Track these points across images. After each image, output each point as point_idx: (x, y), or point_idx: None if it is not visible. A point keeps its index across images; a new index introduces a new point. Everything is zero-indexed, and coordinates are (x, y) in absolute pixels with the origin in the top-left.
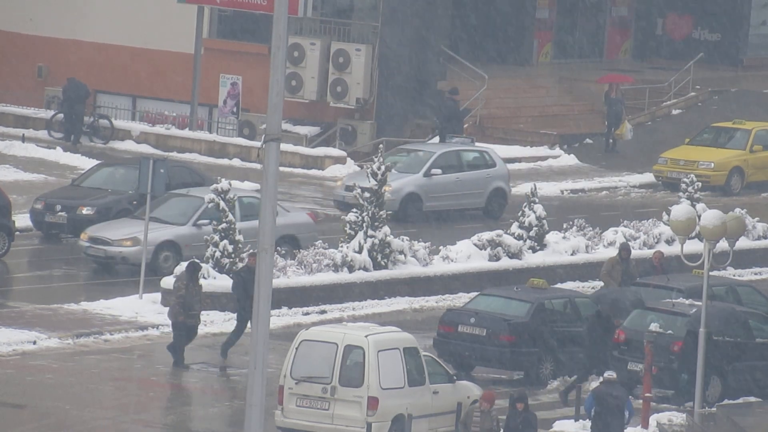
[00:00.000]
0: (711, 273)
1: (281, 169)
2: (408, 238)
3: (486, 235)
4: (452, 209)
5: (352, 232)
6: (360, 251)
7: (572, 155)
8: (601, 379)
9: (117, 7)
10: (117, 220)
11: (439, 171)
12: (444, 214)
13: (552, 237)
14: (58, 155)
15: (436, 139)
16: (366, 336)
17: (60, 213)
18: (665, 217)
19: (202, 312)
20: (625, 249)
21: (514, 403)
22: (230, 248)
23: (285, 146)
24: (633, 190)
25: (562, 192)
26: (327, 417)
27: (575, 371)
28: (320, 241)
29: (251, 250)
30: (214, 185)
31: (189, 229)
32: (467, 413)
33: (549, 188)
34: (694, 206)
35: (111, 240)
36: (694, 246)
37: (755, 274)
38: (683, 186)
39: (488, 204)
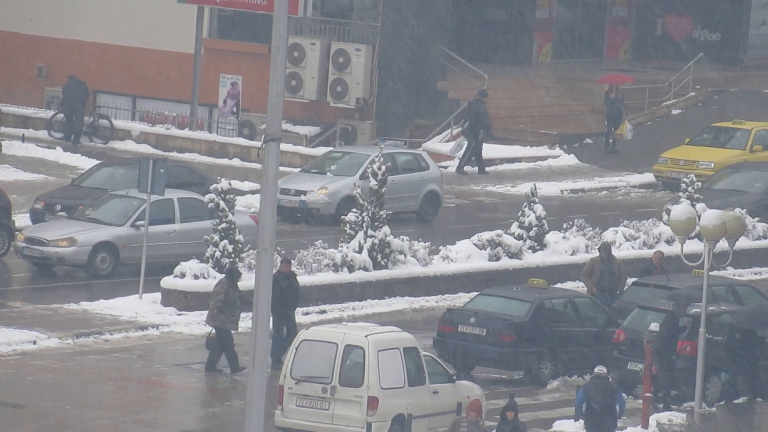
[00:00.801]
0: (711, 273)
1: (281, 169)
2: (408, 238)
3: (486, 235)
4: (387, 212)
5: (352, 232)
6: (360, 251)
7: (572, 155)
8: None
9: (117, 7)
10: (55, 220)
11: None
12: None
13: (552, 237)
14: (58, 155)
15: (459, 142)
16: (366, 336)
17: (60, 213)
18: (665, 217)
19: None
20: (604, 248)
21: (504, 411)
22: (230, 248)
23: (285, 146)
24: (633, 190)
25: (562, 192)
26: (327, 417)
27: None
28: (320, 240)
29: (284, 256)
30: (214, 185)
31: (127, 230)
32: (454, 423)
33: (549, 188)
34: (694, 206)
35: (47, 240)
36: (694, 246)
37: (755, 274)
38: (683, 186)
39: (422, 207)
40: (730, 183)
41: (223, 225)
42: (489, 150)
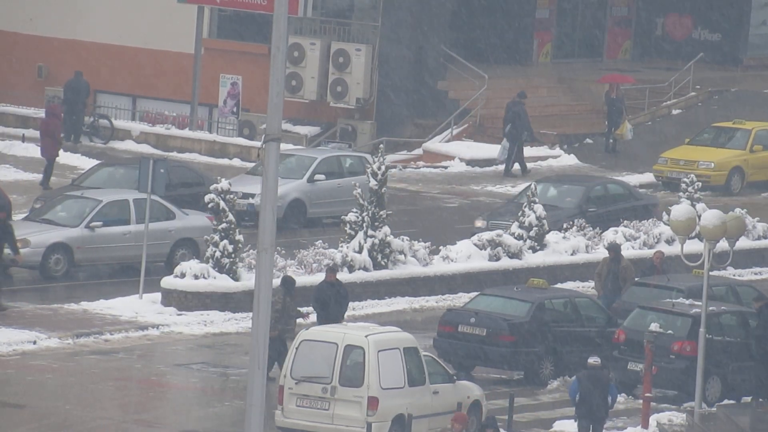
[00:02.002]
0: (711, 273)
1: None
2: (408, 238)
3: (486, 235)
4: (334, 216)
5: (352, 232)
6: (360, 251)
7: (572, 155)
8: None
9: (117, 7)
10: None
11: (322, 177)
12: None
13: (552, 237)
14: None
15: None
16: (366, 336)
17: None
18: (665, 217)
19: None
20: (611, 248)
21: (484, 428)
22: (230, 248)
23: (285, 146)
24: None
25: None
26: (327, 417)
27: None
28: (320, 240)
29: (330, 264)
30: (214, 185)
31: (81, 231)
32: None
33: None
34: (694, 206)
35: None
36: (694, 246)
37: (755, 274)
38: (683, 186)
39: None
40: (542, 197)
41: (223, 225)
42: (489, 150)
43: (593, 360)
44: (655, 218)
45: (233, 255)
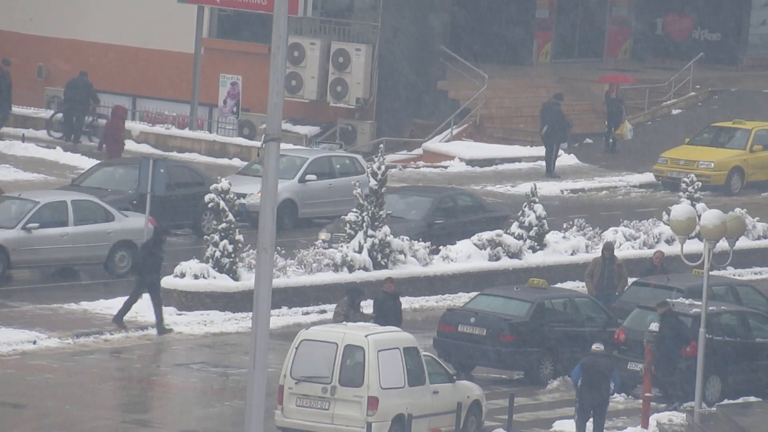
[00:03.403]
0: (711, 273)
1: None
2: (408, 238)
3: (486, 235)
4: (324, 216)
5: (352, 232)
6: (360, 251)
7: (572, 155)
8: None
9: (117, 7)
10: None
11: (314, 177)
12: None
13: (552, 237)
14: (58, 155)
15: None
16: (366, 336)
17: None
18: (665, 217)
19: None
20: (607, 248)
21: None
22: (230, 248)
23: (285, 146)
24: (633, 190)
25: (562, 192)
26: (327, 417)
27: None
28: (320, 240)
29: (389, 276)
30: (215, 185)
31: (17, 233)
32: None
33: (549, 188)
34: (694, 206)
35: None
36: (694, 246)
37: (755, 274)
38: (683, 186)
39: None
40: (390, 209)
41: (223, 225)
42: (489, 150)
43: (596, 346)
44: (506, 229)
45: (233, 255)
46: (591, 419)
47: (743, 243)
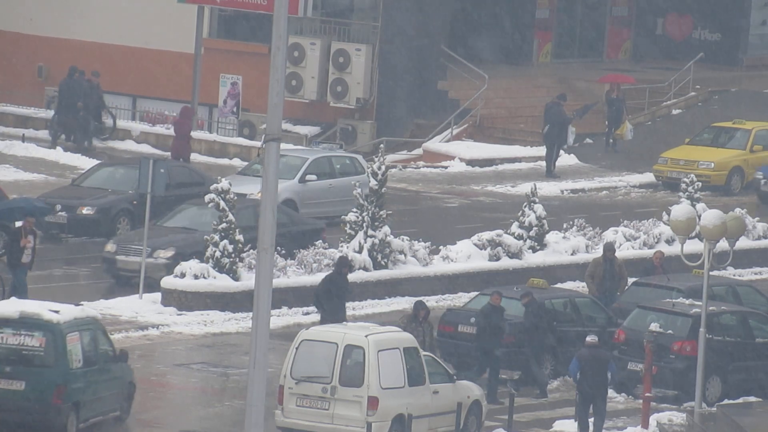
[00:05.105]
0: (711, 273)
1: None
2: (408, 238)
3: (486, 235)
4: (324, 216)
5: (352, 232)
6: (360, 251)
7: (572, 155)
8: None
9: (117, 7)
10: None
11: (314, 177)
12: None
13: (552, 237)
14: (58, 155)
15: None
16: (366, 336)
17: (60, 213)
18: (665, 217)
19: None
20: (608, 249)
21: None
22: (230, 248)
23: (285, 146)
24: (633, 190)
25: (562, 192)
26: (327, 417)
27: None
28: (320, 240)
29: (495, 289)
30: (215, 185)
31: None
32: None
33: (549, 188)
34: (694, 206)
35: None
36: (694, 246)
37: (755, 274)
38: (683, 186)
39: None
40: (184, 221)
41: (223, 225)
42: (489, 150)
43: (591, 338)
44: (322, 242)
45: (233, 255)
46: (592, 410)
47: (743, 243)
